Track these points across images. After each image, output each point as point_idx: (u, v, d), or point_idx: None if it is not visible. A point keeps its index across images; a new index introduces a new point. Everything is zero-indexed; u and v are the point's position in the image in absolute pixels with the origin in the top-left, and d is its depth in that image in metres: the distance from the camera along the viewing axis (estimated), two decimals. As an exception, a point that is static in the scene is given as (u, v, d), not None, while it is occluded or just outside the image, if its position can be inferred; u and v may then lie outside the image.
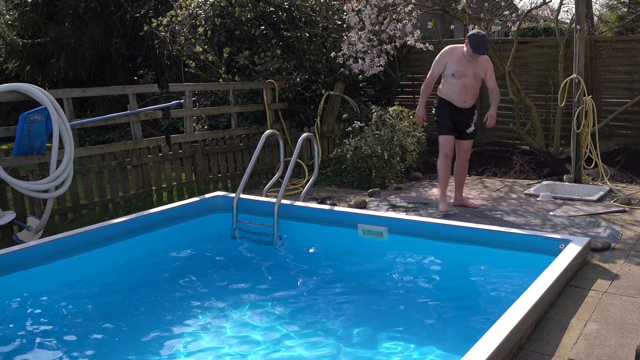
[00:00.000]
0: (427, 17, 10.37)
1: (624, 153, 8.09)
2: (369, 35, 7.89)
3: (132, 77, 11.85)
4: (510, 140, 9.24)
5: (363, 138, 7.65)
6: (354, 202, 6.46)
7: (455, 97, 5.89)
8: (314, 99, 9.00)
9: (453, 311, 4.07)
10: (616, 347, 3.20)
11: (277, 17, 8.90)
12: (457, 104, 5.91)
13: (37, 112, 5.45)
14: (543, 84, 9.03)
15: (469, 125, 6.03)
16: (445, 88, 5.94)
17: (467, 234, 4.87)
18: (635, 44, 8.49)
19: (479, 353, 2.82)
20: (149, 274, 4.83)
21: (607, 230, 5.32)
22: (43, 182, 5.46)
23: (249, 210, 5.69)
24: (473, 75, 5.83)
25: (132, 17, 12.21)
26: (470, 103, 5.94)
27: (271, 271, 4.96)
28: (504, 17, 10.25)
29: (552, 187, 7.01)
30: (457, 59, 5.81)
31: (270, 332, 3.72)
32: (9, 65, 12.78)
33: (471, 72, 5.81)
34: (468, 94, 5.88)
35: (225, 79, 8.86)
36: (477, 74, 5.85)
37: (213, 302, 4.20)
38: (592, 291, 3.98)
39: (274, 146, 8.16)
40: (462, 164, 6.23)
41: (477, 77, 5.87)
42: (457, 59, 5.81)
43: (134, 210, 6.28)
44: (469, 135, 6.08)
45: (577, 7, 7.02)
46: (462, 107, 5.92)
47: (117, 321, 3.94)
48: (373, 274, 4.80)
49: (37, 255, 4.60)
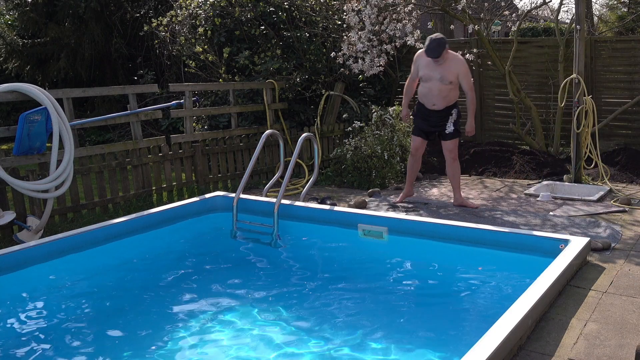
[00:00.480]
0: (427, 17, 10.37)
1: (624, 153, 8.09)
2: (369, 35, 7.89)
3: (132, 77, 11.85)
4: (510, 140, 9.24)
5: (363, 138, 7.65)
6: (354, 202, 6.46)
7: (425, 99, 6.09)
8: (314, 99, 9.00)
9: (453, 311, 4.07)
10: (616, 347, 3.20)
11: (277, 17, 8.90)
12: (427, 106, 6.09)
13: (37, 112, 5.45)
14: (543, 84, 9.03)
15: (445, 126, 6.10)
16: (419, 90, 6.17)
17: (467, 234, 4.87)
18: (635, 44, 8.49)
19: (479, 353, 2.82)
20: (149, 274, 4.83)
21: (607, 230, 5.32)
22: (43, 182, 5.47)
23: (249, 210, 5.69)
24: (440, 78, 5.88)
25: (132, 17, 12.20)
26: (440, 106, 6.03)
27: (271, 271, 4.96)
28: (504, 17, 10.26)
29: (552, 187, 7.01)
30: (425, 63, 5.97)
31: (269, 331, 3.72)
32: (9, 65, 12.78)
33: (437, 75, 5.88)
34: (435, 97, 5.98)
35: (225, 79, 8.86)
36: (445, 77, 5.87)
37: (213, 302, 4.21)
38: (592, 291, 3.98)
39: (274, 146, 8.16)
40: (450, 165, 6.28)
41: (445, 80, 5.88)
42: (425, 63, 5.97)
43: (134, 210, 6.28)
44: (448, 135, 6.14)
45: (577, 7, 7.02)
46: (432, 109, 6.07)
47: (117, 321, 3.94)
48: (373, 273, 4.80)
49: (37, 255, 4.60)
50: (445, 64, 5.86)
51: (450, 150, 6.21)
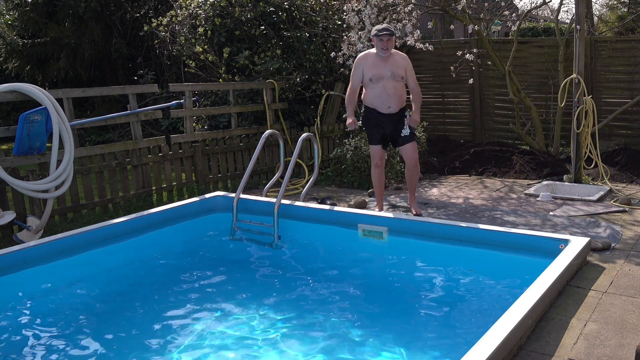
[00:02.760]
0: (427, 17, 10.36)
1: (624, 153, 8.09)
2: (369, 35, 7.89)
3: (132, 77, 11.85)
4: (510, 140, 9.24)
5: (363, 138, 7.65)
6: (354, 202, 6.46)
7: (378, 102, 5.65)
8: (314, 99, 9.00)
9: (453, 311, 4.07)
10: (616, 347, 3.20)
11: (277, 17, 8.91)
12: (382, 110, 5.66)
13: (37, 112, 5.45)
14: (543, 84, 9.03)
15: (401, 129, 5.70)
16: (367, 95, 5.72)
17: (467, 234, 4.87)
18: (635, 44, 8.49)
19: (479, 353, 2.82)
20: (149, 274, 4.83)
21: (607, 230, 5.32)
22: (43, 182, 5.47)
23: (249, 210, 5.69)
24: (391, 75, 5.55)
25: (132, 17, 12.21)
26: (395, 107, 5.65)
27: (271, 271, 4.96)
28: (504, 17, 10.24)
29: (552, 187, 7.01)
30: (371, 64, 5.59)
31: (269, 331, 3.72)
32: (9, 65, 12.79)
33: (389, 73, 5.55)
34: (390, 96, 5.60)
35: (225, 79, 8.86)
36: (396, 73, 5.57)
37: (213, 302, 4.21)
38: (592, 291, 3.98)
39: (274, 146, 8.16)
40: (409, 170, 5.88)
41: (396, 76, 5.58)
42: (372, 63, 5.58)
43: (134, 210, 6.28)
44: (405, 139, 5.72)
45: (577, 7, 7.02)
46: (388, 112, 5.65)
47: (117, 321, 3.94)
48: (373, 273, 4.80)
49: (37, 255, 4.60)
50: (391, 58, 5.57)
51: (410, 156, 5.78)
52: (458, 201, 6.63)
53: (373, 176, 6.00)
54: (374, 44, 5.60)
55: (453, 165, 8.39)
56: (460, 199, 6.75)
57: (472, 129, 9.75)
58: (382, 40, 5.47)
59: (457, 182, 7.69)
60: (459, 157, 8.58)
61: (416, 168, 5.88)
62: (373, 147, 5.88)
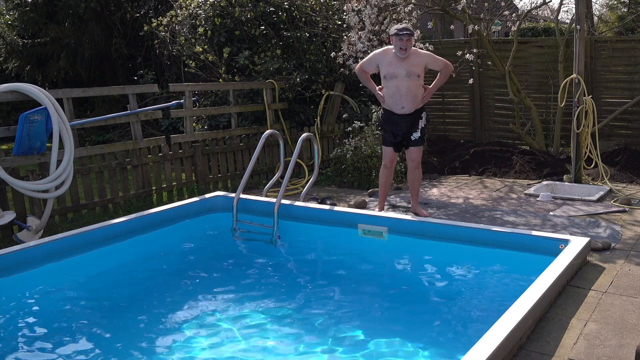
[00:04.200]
0: (427, 17, 10.37)
1: (624, 153, 8.09)
2: (369, 35, 7.89)
3: (132, 77, 11.85)
4: (510, 140, 9.24)
5: (363, 138, 7.65)
6: (354, 202, 6.46)
7: (392, 102, 5.60)
8: (314, 99, 9.00)
9: (453, 311, 4.07)
10: (616, 347, 3.20)
11: (277, 17, 8.90)
12: (396, 110, 5.61)
13: (37, 112, 5.45)
14: (543, 84, 9.02)
15: (412, 132, 5.66)
16: (385, 95, 5.67)
17: (467, 234, 4.87)
18: (635, 44, 8.49)
19: (479, 353, 2.82)
20: (149, 274, 4.83)
21: (607, 230, 5.32)
22: (43, 182, 5.46)
23: (249, 210, 5.69)
24: (406, 74, 5.47)
25: (132, 17, 12.21)
26: (409, 108, 5.58)
27: (271, 271, 4.96)
28: (504, 17, 10.26)
29: (552, 187, 7.01)
30: (388, 61, 5.54)
31: (269, 331, 3.72)
32: (9, 65, 12.78)
33: (404, 72, 5.47)
34: (403, 96, 5.53)
35: (225, 79, 8.86)
36: (411, 71, 5.48)
37: (213, 302, 4.21)
38: (592, 291, 3.98)
39: (274, 146, 8.16)
40: (412, 173, 5.86)
41: (412, 74, 5.49)
42: (389, 61, 5.54)
43: (134, 210, 6.28)
44: (413, 142, 5.70)
45: (577, 7, 7.02)
46: (402, 113, 5.60)
47: (118, 321, 3.94)
48: (373, 273, 4.80)
49: (37, 255, 4.60)
50: (409, 58, 5.51)
51: (413, 160, 5.77)
52: (458, 201, 6.63)
53: (380, 176, 5.99)
54: (393, 43, 5.51)
55: (453, 165, 8.39)
56: (460, 199, 6.75)
57: (472, 129, 9.75)
58: (401, 40, 5.41)
59: (457, 182, 7.69)
60: (459, 157, 8.58)
61: (417, 170, 5.85)
62: (385, 148, 5.87)
